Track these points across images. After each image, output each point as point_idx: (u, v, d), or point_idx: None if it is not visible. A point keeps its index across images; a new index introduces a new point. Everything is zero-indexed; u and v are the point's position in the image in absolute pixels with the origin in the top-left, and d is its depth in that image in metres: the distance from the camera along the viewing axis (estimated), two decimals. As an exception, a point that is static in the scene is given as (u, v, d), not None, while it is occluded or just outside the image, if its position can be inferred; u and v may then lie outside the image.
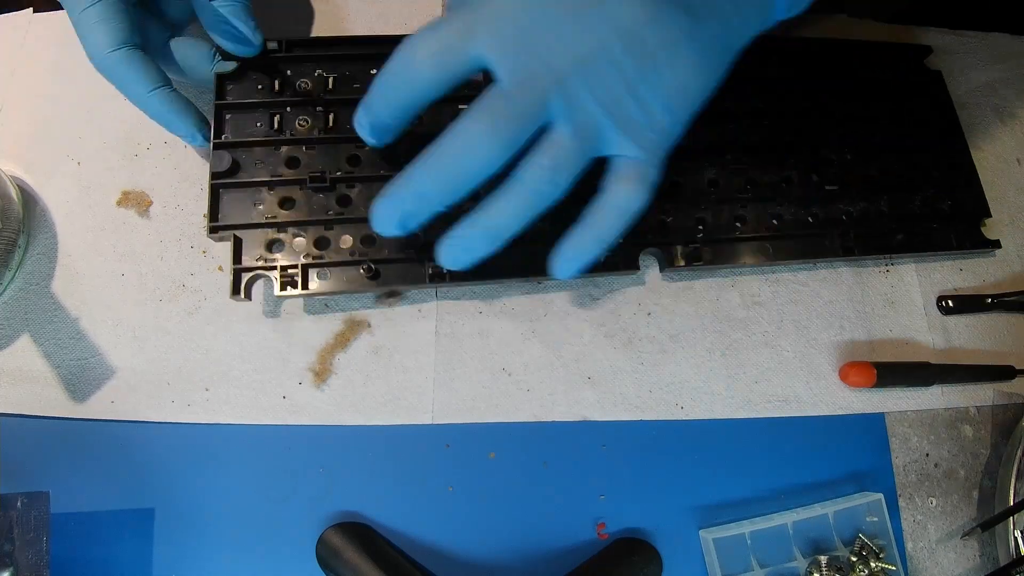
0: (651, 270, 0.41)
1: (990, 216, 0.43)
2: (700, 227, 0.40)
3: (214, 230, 0.36)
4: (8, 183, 0.39)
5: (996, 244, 0.43)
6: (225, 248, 0.39)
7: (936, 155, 0.44)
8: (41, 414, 0.36)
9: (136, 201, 0.40)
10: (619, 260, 0.39)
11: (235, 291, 0.35)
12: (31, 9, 0.44)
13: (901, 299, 0.42)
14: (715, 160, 0.41)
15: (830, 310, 0.41)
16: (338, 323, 0.38)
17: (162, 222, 0.40)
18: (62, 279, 0.38)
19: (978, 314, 0.42)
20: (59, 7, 0.45)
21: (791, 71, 0.44)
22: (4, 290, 0.38)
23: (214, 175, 0.36)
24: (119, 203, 0.40)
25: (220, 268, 0.39)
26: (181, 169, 0.41)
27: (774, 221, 0.41)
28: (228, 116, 0.38)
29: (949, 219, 0.43)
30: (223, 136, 0.37)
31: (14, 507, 0.31)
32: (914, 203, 0.42)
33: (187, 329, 0.38)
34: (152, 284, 0.39)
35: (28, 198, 0.40)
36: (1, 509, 0.31)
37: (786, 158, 0.42)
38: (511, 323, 0.39)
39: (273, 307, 0.38)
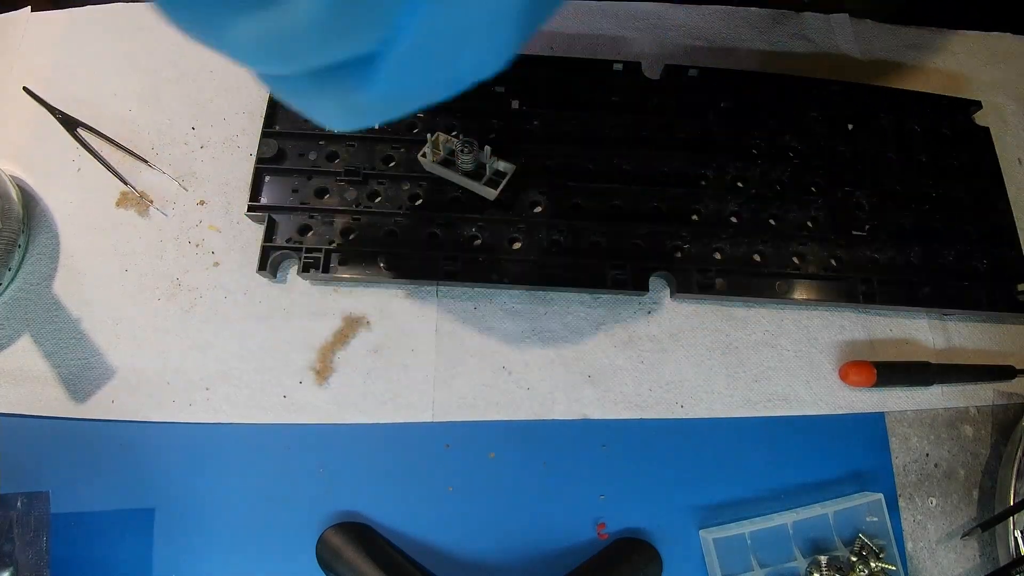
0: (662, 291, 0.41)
1: None
2: (717, 256, 0.40)
3: (252, 209, 0.39)
4: (8, 183, 0.39)
5: None
6: (222, 243, 0.40)
7: (976, 212, 0.42)
8: (41, 414, 0.36)
9: (136, 201, 0.40)
10: (628, 279, 0.39)
11: (262, 266, 0.37)
12: (29, 8, 0.44)
13: (901, 299, 0.42)
14: (740, 192, 0.41)
15: (830, 309, 0.41)
16: (337, 320, 0.38)
17: (161, 222, 0.40)
18: (63, 279, 0.38)
19: (978, 314, 0.42)
20: (57, 6, 0.45)
21: (831, 113, 0.43)
22: (4, 290, 0.38)
23: (260, 160, 0.39)
24: (119, 203, 0.40)
25: (216, 264, 0.39)
26: (180, 169, 0.41)
27: (795, 259, 0.40)
28: (280, 111, 0.41)
29: (983, 278, 0.41)
30: (274, 126, 0.40)
31: (14, 507, 0.31)
32: (947, 257, 0.41)
33: (186, 328, 0.38)
34: (152, 283, 0.39)
35: (28, 198, 0.40)
36: (1, 509, 0.30)
37: (814, 198, 0.41)
38: (511, 321, 0.39)
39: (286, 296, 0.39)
